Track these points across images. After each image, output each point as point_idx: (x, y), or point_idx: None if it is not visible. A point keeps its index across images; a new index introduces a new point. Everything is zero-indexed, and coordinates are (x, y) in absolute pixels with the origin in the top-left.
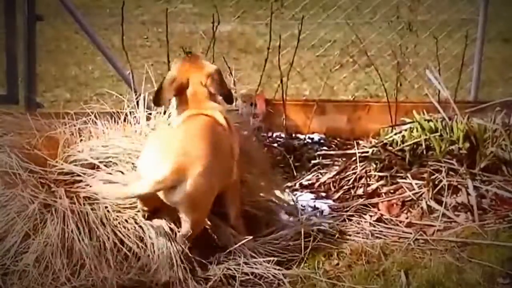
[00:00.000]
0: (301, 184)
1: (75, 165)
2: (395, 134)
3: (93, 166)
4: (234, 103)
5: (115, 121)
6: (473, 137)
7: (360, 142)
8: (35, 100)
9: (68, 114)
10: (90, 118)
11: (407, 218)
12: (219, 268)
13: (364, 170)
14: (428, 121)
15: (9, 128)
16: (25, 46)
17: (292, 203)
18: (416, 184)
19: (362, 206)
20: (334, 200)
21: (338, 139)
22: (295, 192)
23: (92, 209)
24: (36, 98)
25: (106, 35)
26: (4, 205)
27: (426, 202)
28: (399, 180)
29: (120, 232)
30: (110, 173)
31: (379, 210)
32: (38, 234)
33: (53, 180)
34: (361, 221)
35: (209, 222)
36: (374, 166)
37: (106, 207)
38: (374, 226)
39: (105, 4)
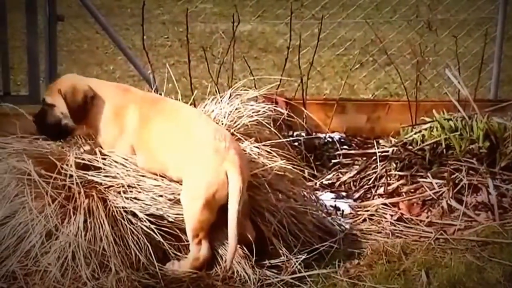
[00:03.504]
0: (321, 184)
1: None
2: (415, 133)
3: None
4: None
5: None
6: (493, 136)
7: (380, 141)
8: None
9: None
10: None
11: (427, 217)
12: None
13: (384, 170)
14: (448, 120)
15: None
16: (47, 46)
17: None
18: (436, 183)
19: (382, 206)
20: (354, 200)
21: (358, 138)
22: (316, 192)
23: (111, 209)
24: None
25: (127, 35)
26: (25, 206)
27: (446, 201)
28: (419, 180)
29: (138, 231)
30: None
31: (399, 209)
32: (58, 234)
33: (70, 181)
34: (382, 220)
35: None
36: (395, 165)
37: (125, 208)
38: (395, 226)
39: (125, 4)
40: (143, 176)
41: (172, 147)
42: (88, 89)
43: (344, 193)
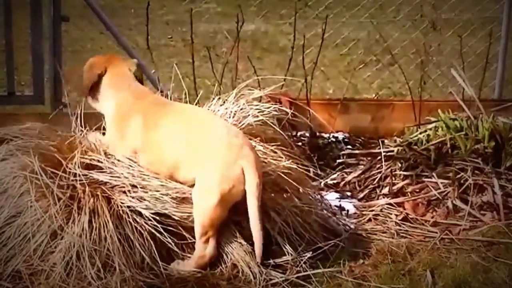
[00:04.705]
0: (326, 184)
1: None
2: (420, 133)
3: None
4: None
5: None
6: (499, 136)
7: (385, 141)
8: (61, 100)
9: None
10: None
11: (432, 217)
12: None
13: (389, 169)
14: (453, 119)
15: (35, 131)
16: (51, 46)
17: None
18: (441, 183)
19: (387, 205)
20: (359, 200)
21: (362, 138)
22: (320, 191)
23: (116, 208)
24: (61, 98)
25: (131, 35)
26: (31, 206)
27: (451, 201)
28: (424, 179)
29: (145, 230)
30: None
31: (404, 209)
32: (64, 233)
33: (76, 181)
34: (387, 220)
35: None
36: (399, 165)
37: (129, 207)
38: (400, 226)
39: (129, 5)
40: (148, 175)
41: (185, 146)
42: (94, 75)
43: (348, 193)
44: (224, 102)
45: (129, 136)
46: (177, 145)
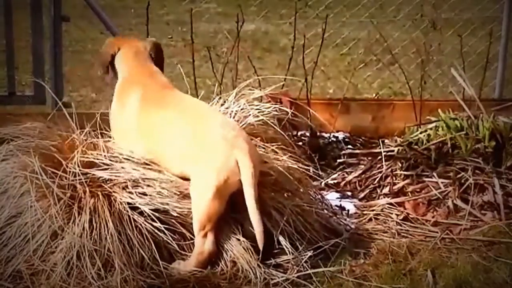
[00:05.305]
0: (326, 183)
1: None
2: (421, 132)
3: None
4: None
5: None
6: (499, 136)
7: (385, 140)
8: (62, 100)
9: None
10: None
11: (433, 217)
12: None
13: (389, 169)
14: (454, 119)
15: (35, 131)
16: (52, 46)
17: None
18: (442, 183)
19: (388, 205)
20: (360, 199)
21: (363, 137)
22: (321, 191)
23: (116, 206)
24: (62, 98)
25: (131, 35)
26: (31, 206)
27: (452, 201)
28: (425, 179)
29: (145, 229)
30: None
31: (405, 209)
32: (64, 233)
33: (76, 181)
34: (387, 220)
35: None
36: (400, 165)
37: (130, 204)
38: (400, 225)
39: (129, 5)
40: (149, 169)
41: (178, 138)
42: (107, 55)
43: (349, 193)
44: (224, 102)
45: (127, 109)
46: (171, 136)
